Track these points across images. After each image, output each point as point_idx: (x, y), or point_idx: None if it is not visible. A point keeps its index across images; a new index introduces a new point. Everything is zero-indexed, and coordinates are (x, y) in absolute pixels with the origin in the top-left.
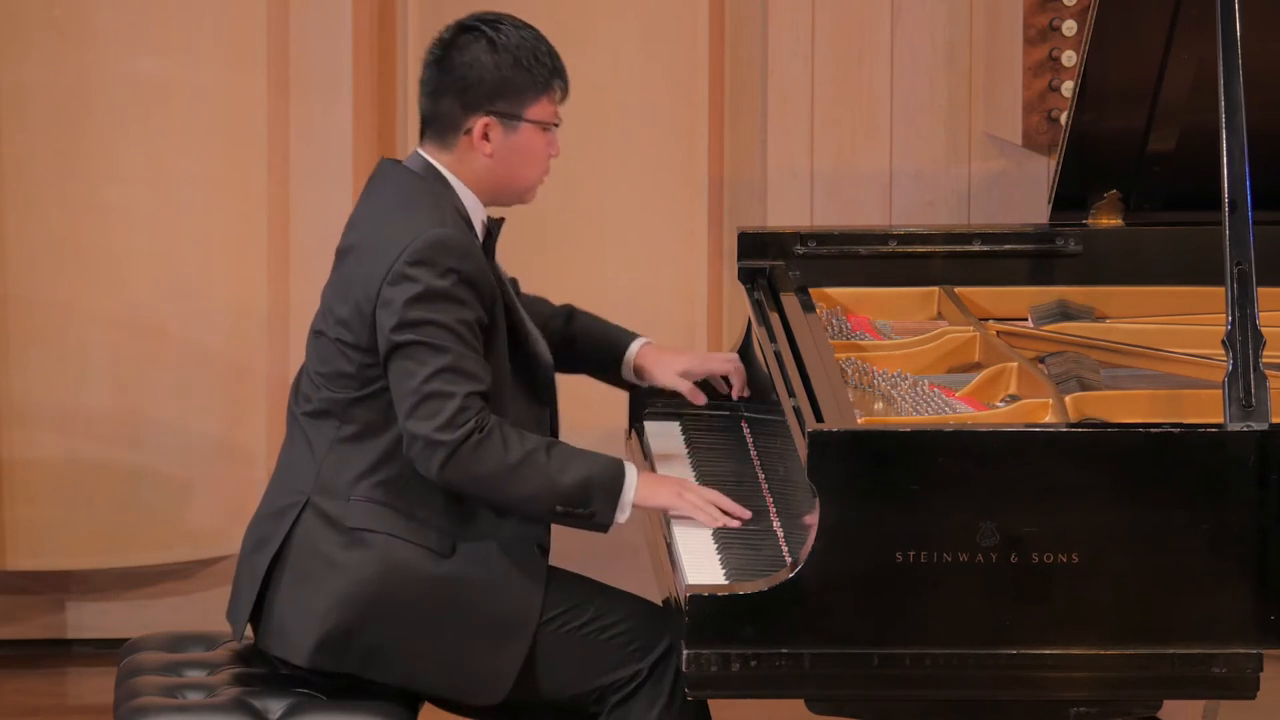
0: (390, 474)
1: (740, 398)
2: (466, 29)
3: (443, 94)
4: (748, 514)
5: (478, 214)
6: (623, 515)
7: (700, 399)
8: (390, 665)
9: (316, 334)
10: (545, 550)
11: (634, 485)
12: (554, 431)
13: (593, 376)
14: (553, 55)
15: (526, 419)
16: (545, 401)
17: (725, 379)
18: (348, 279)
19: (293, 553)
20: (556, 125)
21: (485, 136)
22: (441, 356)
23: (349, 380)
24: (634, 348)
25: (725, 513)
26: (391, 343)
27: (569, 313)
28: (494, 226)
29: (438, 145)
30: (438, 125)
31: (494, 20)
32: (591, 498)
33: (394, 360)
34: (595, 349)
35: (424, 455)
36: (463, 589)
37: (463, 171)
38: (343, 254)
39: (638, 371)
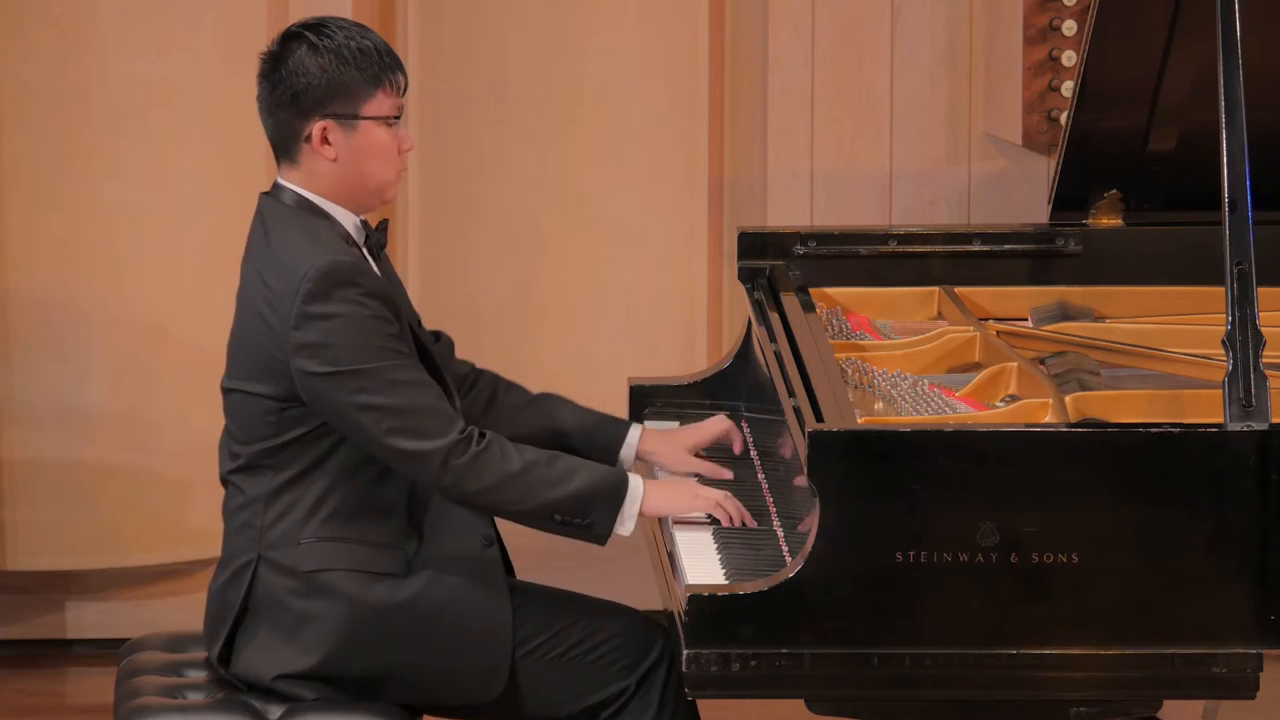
0: (334, 509)
1: (741, 452)
2: (290, 37)
3: (277, 107)
4: (753, 522)
5: (350, 224)
6: (624, 527)
7: (727, 474)
8: (387, 689)
9: (228, 392)
10: (492, 541)
11: (639, 497)
12: None
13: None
14: (382, 49)
15: None
16: (446, 385)
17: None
18: (249, 333)
19: (258, 610)
20: (396, 118)
21: (325, 140)
22: (386, 374)
23: (270, 428)
24: (633, 436)
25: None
26: (325, 382)
27: (551, 404)
28: (372, 234)
29: (287, 163)
30: (280, 141)
31: (317, 24)
32: (592, 508)
33: (336, 397)
34: (589, 444)
35: (419, 471)
36: (428, 602)
37: (315, 184)
38: (239, 306)
39: (643, 457)
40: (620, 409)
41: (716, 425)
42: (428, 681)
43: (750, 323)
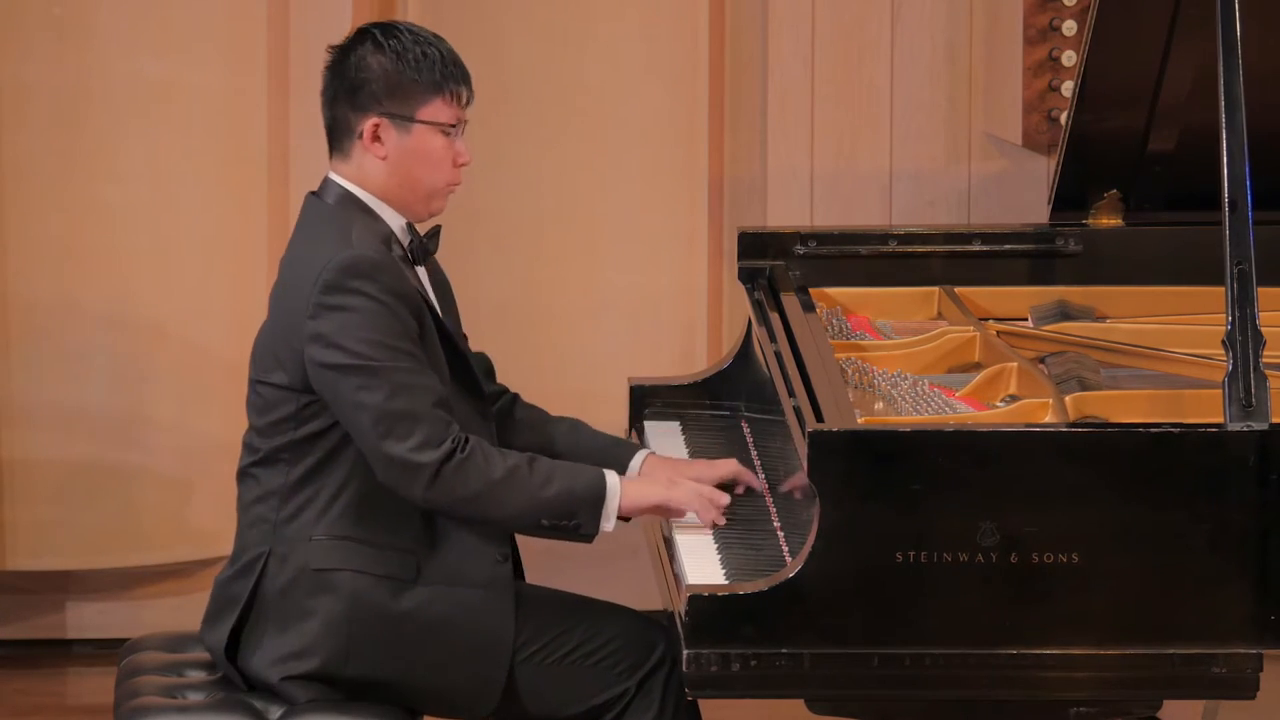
0: (348, 507)
1: (748, 490)
2: (359, 33)
3: (336, 99)
4: (726, 498)
5: (397, 225)
6: (609, 524)
7: (725, 498)
8: (381, 691)
9: (254, 384)
10: (508, 558)
11: (616, 494)
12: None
13: None
14: (448, 58)
15: (470, 415)
16: (480, 393)
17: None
18: (273, 323)
19: (264, 606)
20: (453, 127)
21: (377, 137)
22: (390, 375)
23: (289, 423)
24: (636, 463)
25: (713, 502)
26: (332, 374)
27: (568, 425)
28: (417, 238)
29: (339, 156)
30: (335, 133)
31: (388, 25)
32: (576, 510)
33: (341, 390)
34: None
35: (405, 479)
36: (432, 612)
37: (366, 181)
38: (270, 302)
39: None
40: (620, 409)
41: (725, 466)
42: (421, 691)
43: (750, 323)
